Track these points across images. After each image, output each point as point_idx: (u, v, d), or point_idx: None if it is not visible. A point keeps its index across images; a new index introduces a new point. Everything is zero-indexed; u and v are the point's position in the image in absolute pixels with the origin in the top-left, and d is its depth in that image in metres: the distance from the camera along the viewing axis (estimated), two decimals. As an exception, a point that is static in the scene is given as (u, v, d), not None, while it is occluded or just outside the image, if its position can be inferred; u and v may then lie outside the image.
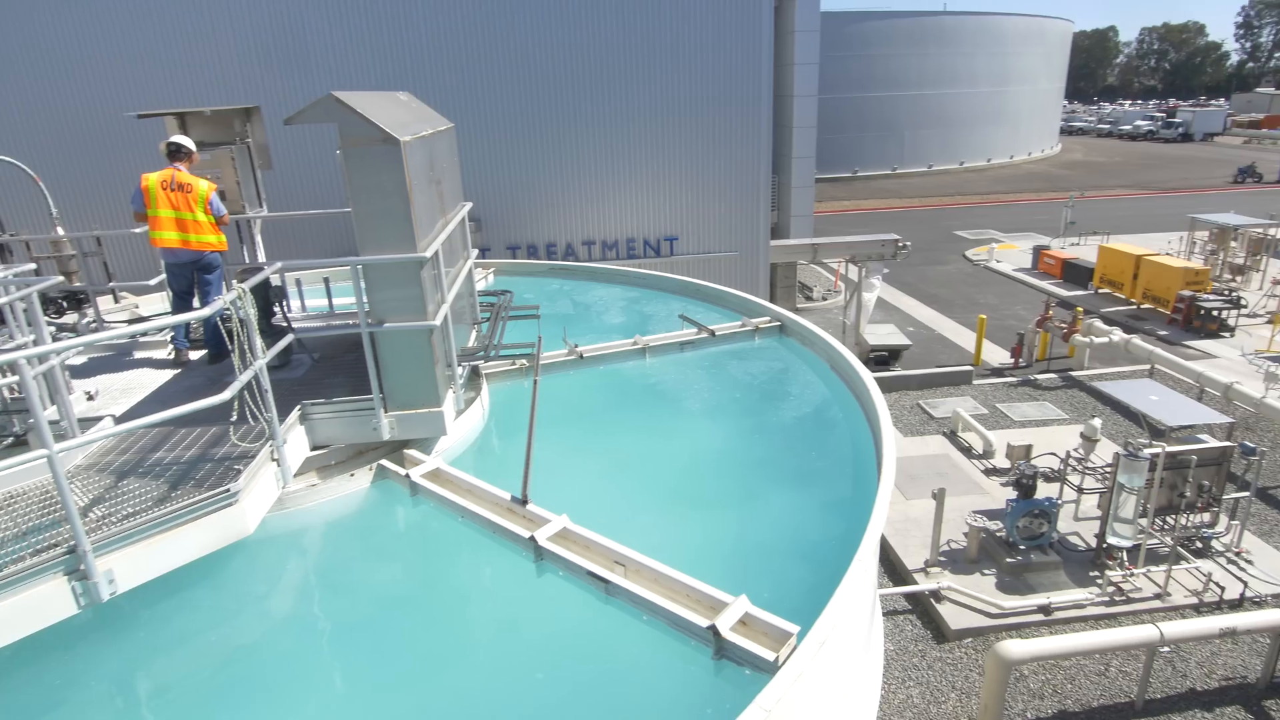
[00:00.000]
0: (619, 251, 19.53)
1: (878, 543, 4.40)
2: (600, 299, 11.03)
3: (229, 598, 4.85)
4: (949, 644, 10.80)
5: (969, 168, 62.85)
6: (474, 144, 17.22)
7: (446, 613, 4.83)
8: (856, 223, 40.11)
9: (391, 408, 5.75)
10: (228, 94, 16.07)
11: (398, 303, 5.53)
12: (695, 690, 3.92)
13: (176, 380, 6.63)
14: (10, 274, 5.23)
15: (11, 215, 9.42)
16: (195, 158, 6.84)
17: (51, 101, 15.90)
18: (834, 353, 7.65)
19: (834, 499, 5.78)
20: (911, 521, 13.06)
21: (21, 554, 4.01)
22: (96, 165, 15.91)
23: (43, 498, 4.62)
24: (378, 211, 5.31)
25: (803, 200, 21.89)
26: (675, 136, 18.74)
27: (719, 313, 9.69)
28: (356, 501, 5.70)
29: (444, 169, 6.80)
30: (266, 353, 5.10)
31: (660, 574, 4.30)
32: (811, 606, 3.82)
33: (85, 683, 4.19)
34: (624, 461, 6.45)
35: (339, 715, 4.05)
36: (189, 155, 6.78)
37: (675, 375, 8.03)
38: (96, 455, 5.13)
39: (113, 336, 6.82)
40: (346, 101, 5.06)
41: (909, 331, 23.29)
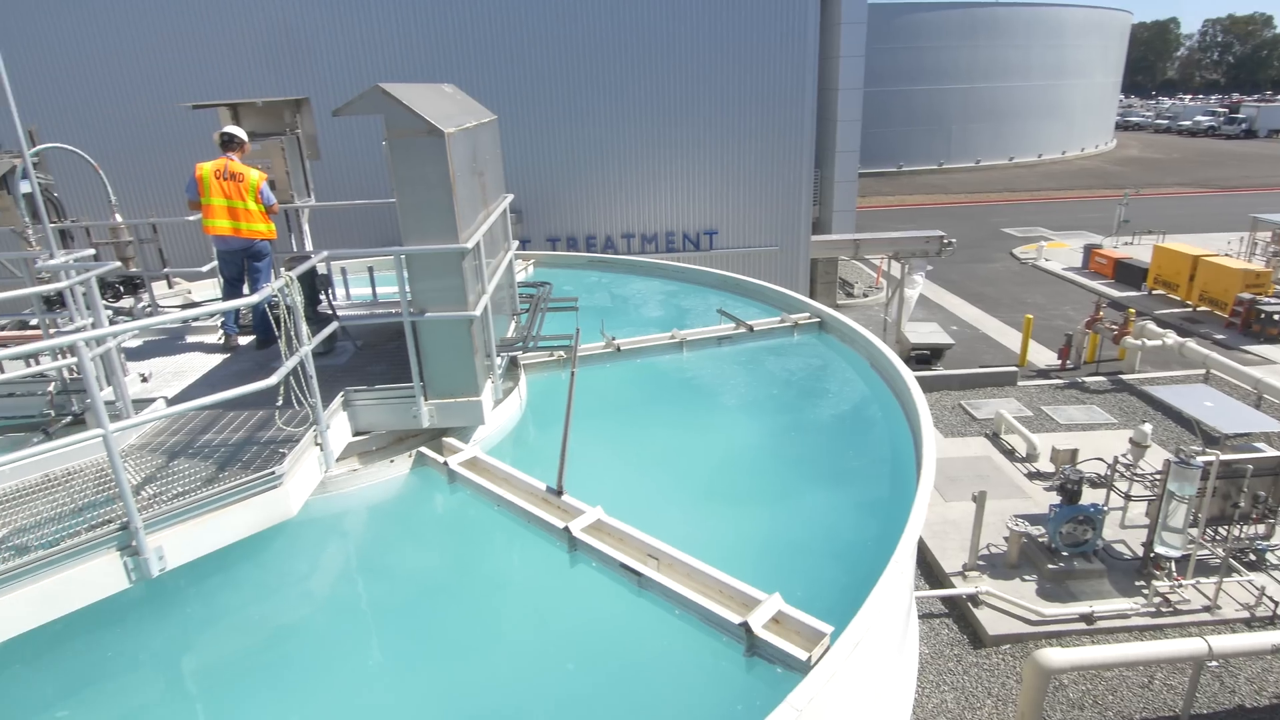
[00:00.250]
0: (658, 245, 19.50)
1: (915, 545, 4.34)
2: (638, 292, 11.04)
3: (272, 577, 4.99)
4: (986, 650, 10.61)
5: (1019, 163, 61.27)
6: (516, 136, 17.33)
7: (480, 600, 4.89)
8: (900, 218, 39.41)
9: (431, 396, 5.84)
10: (279, 85, 16.43)
11: (439, 292, 5.61)
12: (726, 686, 3.92)
13: (226, 364, 6.82)
14: (71, 259, 5.43)
15: (73, 202, 9.78)
16: (247, 148, 7.01)
17: (112, 93, 16.43)
18: (874, 350, 7.54)
19: (870, 499, 5.71)
20: (950, 524, 12.84)
21: (78, 529, 4.18)
22: (153, 155, 16.40)
23: (98, 475, 4.79)
24: (421, 202, 5.38)
25: (845, 195, 21.59)
26: (717, 129, 18.62)
27: (758, 308, 9.61)
28: (396, 487, 5.80)
29: (487, 161, 6.86)
30: (312, 339, 5.22)
31: (693, 569, 4.30)
32: (845, 607, 3.78)
33: (135, 655, 4.35)
34: (659, 455, 6.45)
35: (374, 694, 4.13)
36: (241, 145, 6.94)
37: (712, 370, 8.00)
38: (149, 435, 5.31)
39: (166, 321, 7.03)
40: (392, 93, 5.13)
41: (952, 330, 22.84)
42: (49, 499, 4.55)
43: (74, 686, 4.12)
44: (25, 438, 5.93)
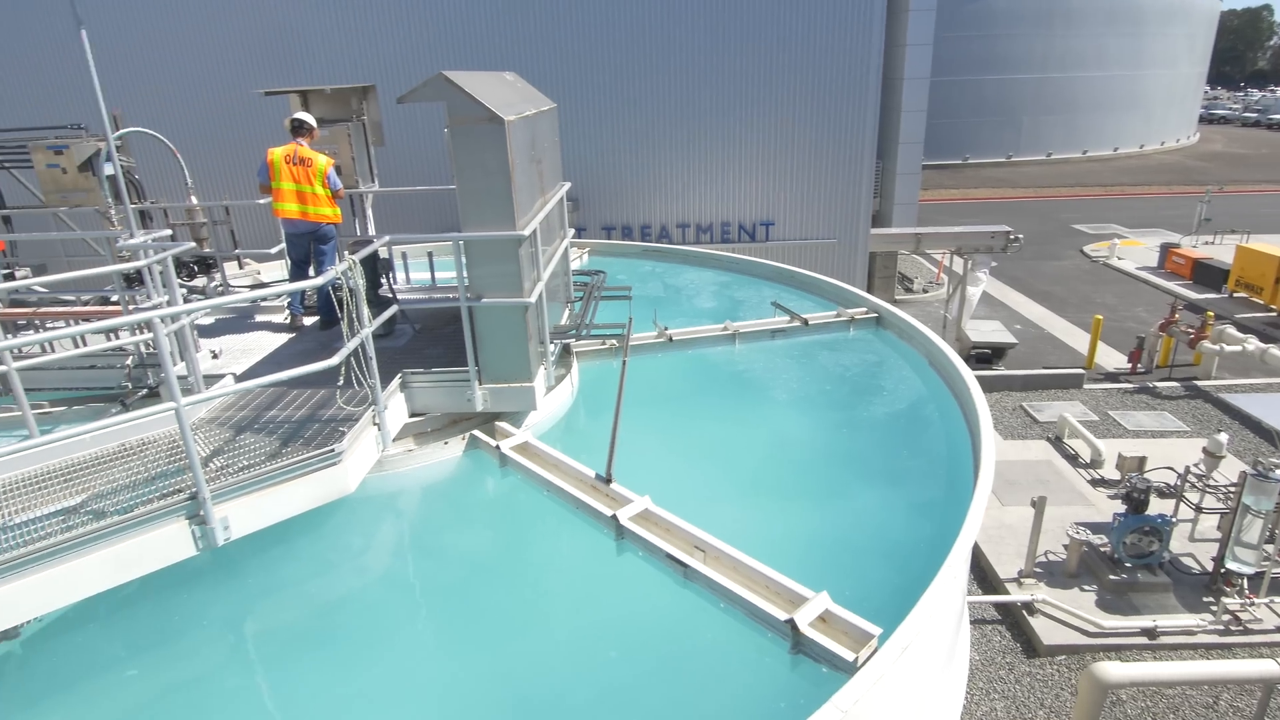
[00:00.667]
0: (713, 235, 19.36)
1: (970, 548, 4.23)
2: (691, 282, 10.99)
3: (329, 551, 5.16)
4: (1040, 659, 10.30)
5: (1093, 157, 58.74)
6: (574, 124, 17.39)
7: (527, 583, 4.97)
8: (964, 212, 38.26)
9: (486, 380, 5.93)
10: (349, 73, 16.82)
11: (496, 278, 5.68)
12: (768, 683, 3.89)
13: (291, 344, 7.05)
14: (149, 239, 5.67)
15: (152, 184, 10.23)
16: (316, 134, 7.20)
17: (190, 80, 17.07)
18: (933, 348, 7.35)
19: (924, 500, 5.58)
20: (1007, 529, 12.48)
21: (150, 497, 4.38)
22: (227, 140, 17.00)
23: (170, 447, 5.02)
24: (480, 189, 5.44)
25: (908, 187, 21.05)
26: (776, 119, 18.34)
27: (813, 301, 9.47)
28: (449, 469, 5.92)
29: (545, 148, 6.90)
30: (372, 322, 5.35)
31: (739, 562, 4.27)
32: (895, 609, 3.71)
33: (200, 620, 4.55)
34: (708, 447, 6.43)
35: (421, 670, 4.24)
36: (310, 131, 7.14)
37: (764, 363, 7.92)
38: (218, 410, 5.53)
39: (237, 300, 7.30)
40: (455, 81, 5.20)
41: (1015, 329, 22.11)
42: (125, 467, 4.79)
43: (142, 647, 4.34)
44: (104, 408, 6.25)
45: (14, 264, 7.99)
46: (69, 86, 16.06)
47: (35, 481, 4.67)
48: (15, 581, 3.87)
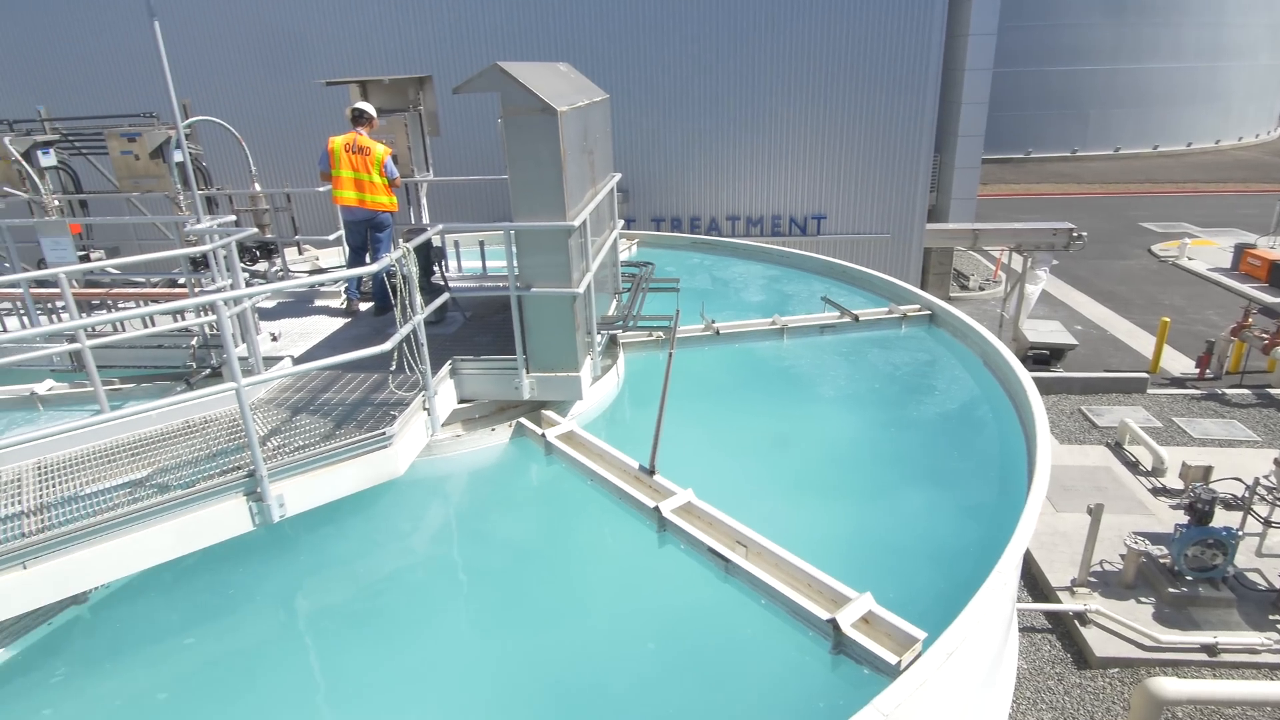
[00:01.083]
0: (763, 228, 19.16)
1: (1022, 554, 4.11)
2: (740, 275, 10.90)
3: (377, 532, 5.29)
4: (1091, 671, 9.99)
5: (1164, 152, 56.24)
6: (626, 115, 17.37)
7: (569, 570, 5.01)
8: (1025, 208, 37.07)
9: (533, 369, 5.99)
10: (403, 65, 17.09)
11: (545, 268, 5.72)
12: (807, 682, 3.86)
13: (346, 328, 7.23)
14: (215, 224, 5.87)
15: (218, 171, 10.60)
16: (375, 123, 7.34)
17: (254, 70, 17.58)
18: (988, 347, 7.16)
19: (974, 504, 5.45)
20: (1060, 536, 12.11)
21: (211, 473, 4.55)
22: (289, 128, 17.47)
23: (230, 425, 5.20)
24: (532, 179, 5.48)
25: (966, 182, 20.48)
26: (830, 110, 18.02)
27: (864, 297, 9.31)
28: (495, 455, 6.01)
29: (597, 139, 6.91)
30: (425, 309, 5.44)
31: (782, 559, 4.24)
32: (941, 613, 3.64)
33: (255, 593, 4.72)
34: (752, 442, 6.39)
35: (463, 652, 4.33)
36: (370, 121, 7.28)
37: (812, 359, 7.82)
38: (276, 391, 5.70)
39: (296, 285, 7.51)
40: (510, 72, 5.24)
41: (1076, 330, 21.38)
42: (188, 444, 4.98)
43: (200, 617, 4.52)
44: (170, 386, 6.51)
45: (89, 246, 8.36)
46: (143, 76, 16.69)
47: (105, 455, 4.90)
48: (85, 549, 4.07)
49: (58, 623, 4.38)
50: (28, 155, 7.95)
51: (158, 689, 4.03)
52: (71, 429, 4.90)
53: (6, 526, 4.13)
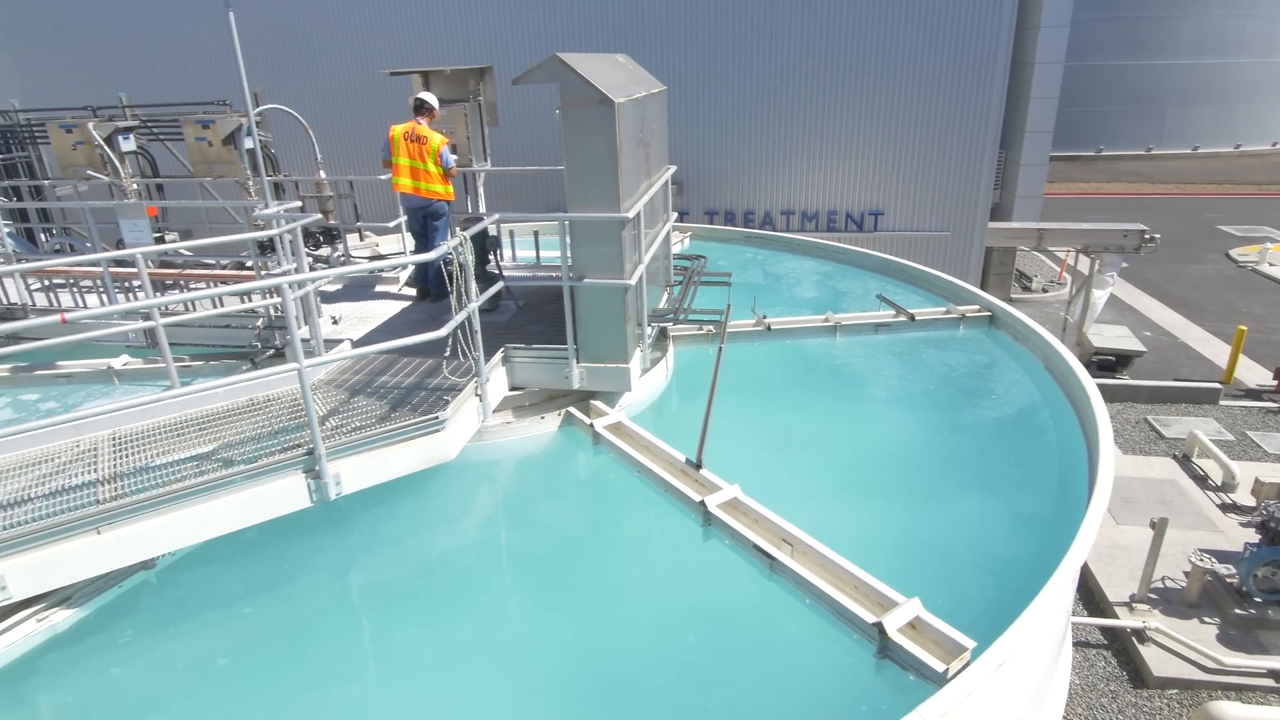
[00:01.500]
0: (818, 223, 18.87)
1: (1080, 566, 3.99)
2: (793, 271, 10.77)
3: (428, 513, 5.41)
4: (1148, 690, 9.63)
5: (1247, 151, 53.39)
6: (682, 107, 17.29)
7: (613, 560, 5.05)
8: (1095, 208, 35.69)
9: (583, 359, 6.03)
10: (464, 56, 17.33)
11: (598, 259, 5.75)
12: (850, 684, 3.82)
13: (403, 314, 7.40)
14: (282, 209, 6.06)
15: (286, 158, 10.95)
16: (436, 114, 7.45)
17: (321, 59, 18.04)
18: (1051, 351, 6.93)
19: (1030, 512, 5.30)
20: (1120, 549, 11.68)
21: (272, 450, 4.72)
22: (354, 117, 17.89)
23: (291, 404, 5.37)
24: (587, 170, 5.51)
25: (1032, 180, 19.80)
26: (893, 103, 17.62)
27: (921, 296, 9.10)
28: (544, 443, 6.08)
29: (653, 131, 6.91)
30: (480, 296, 5.53)
31: (828, 560, 4.20)
32: (991, 623, 3.55)
33: (311, 567, 4.88)
34: (801, 440, 6.32)
35: (506, 635, 4.40)
36: (430, 111, 7.40)
37: (865, 358, 7.69)
38: (335, 373, 5.87)
39: (357, 270, 7.71)
40: (568, 63, 5.26)
41: (1145, 336, 20.53)
42: (251, 421, 5.17)
43: (258, 587, 4.70)
44: (236, 365, 6.76)
45: (164, 228, 8.72)
46: (218, 65, 17.29)
47: (174, 428, 5.12)
48: (154, 518, 4.27)
49: (127, 586, 4.60)
50: (110, 140, 8.33)
51: (218, 654, 4.20)
52: (144, 403, 5.15)
53: (83, 493, 4.36)
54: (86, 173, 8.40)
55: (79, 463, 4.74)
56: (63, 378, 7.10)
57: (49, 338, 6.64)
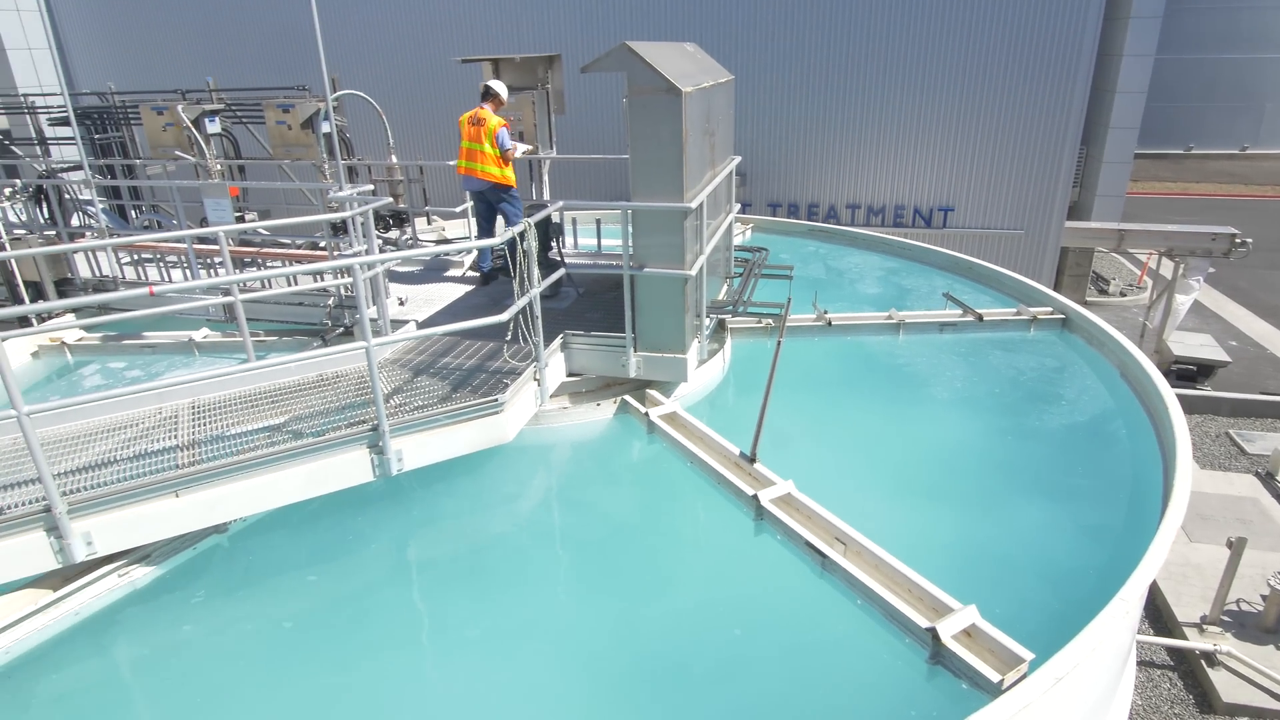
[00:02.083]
0: (885, 218, 18.44)
1: (1149, 583, 3.83)
2: (856, 266, 10.57)
3: (485, 493, 5.53)
4: (1216, 717, 9.19)
5: (1356, 153, 49.86)
6: (748, 96, 17.09)
7: (663, 549, 5.07)
8: (1182, 209, 33.90)
9: (641, 348, 6.06)
10: (532, 43, 17.48)
11: (659, 249, 5.76)
12: (899, 689, 3.76)
13: (467, 297, 7.55)
14: (355, 193, 6.24)
15: (360, 142, 11.26)
16: (501, 101, 7.49)
17: (396, 46, 18.46)
18: (1127, 358, 6.64)
19: (1097, 524, 5.10)
20: (1193, 568, 11.15)
21: (339, 424, 4.89)
22: (425, 103, 18.27)
23: (358, 382, 5.55)
24: (652, 159, 5.51)
25: (1114, 178, 18.92)
26: (967, 95, 17.04)
27: (990, 296, 8.83)
28: (599, 429, 6.14)
29: (719, 121, 6.85)
30: (541, 283, 5.60)
31: (882, 561, 4.13)
32: (1051, 636, 3.45)
33: (371, 539, 5.05)
34: (858, 439, 6.22)
35: (556, 616, 4.48)
36: (495, 97, 7.47)
37: (928, 357, 7.51)
38: (400, 352, 6.04)
39: (425, 253, 7.90)
40: (637, 51, 5.26)
41: (1230, 346, 19.45)
42: (320, 395, 5.36)
43: (322, 557, 4.88)
44: (307, 341, 7.02)
45: (244, 208, 9.09)
46: (299, 51, 17.86)
47: (248, 400, 5.35)
48: (228, 484, 4.48)
49: (201, 548, 4.84)
50: (196, 122, 8.71)
51: (284, 618, 4.39)
52: (222, 374, 5.40)
53: (164, 458, 4.61)
54: (175, 153, 8.81)
55: (161, 429, 5.00)
56: (147, 348, 7.50)
57: (136, 309, 7.02)
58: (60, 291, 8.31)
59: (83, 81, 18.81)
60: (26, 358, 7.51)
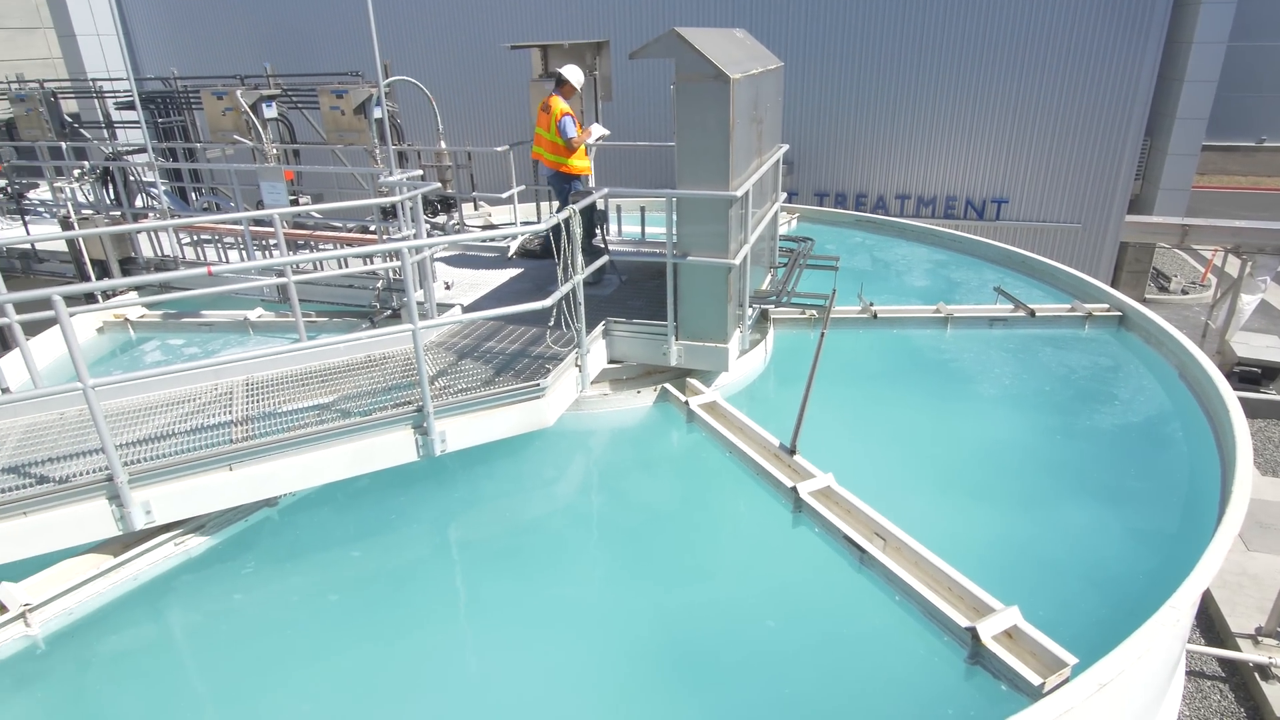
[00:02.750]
0: (935, 210, 18.02)
1: (1202, 591, 3.71)
2: (903, 258, 10.37)
3: (524, 476, 5.60)
4: (1270, 732, 8.87)
5: None
6: (797, 83, 16.84)
7: (699, 538, 5.08)
8: (1252, 204, 32.42)
9: (682, 336, 6.05)
10: (582, 29, 17.46)
11: (703, 237, 5.73)
12: (935, 687, 3.72)
13: (511, 282, 7.62)
14: (405, 178, 6.34)
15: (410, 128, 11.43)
16: (570, 89, 7.40)
17: (446, 32, 18.63)
18: (1187, 358, 6.41)
19: (1149, 528, 4.96)
20: (1249, 577, 10.74)
21: (385, 405, 5.00)
22: (475, 90, 18.43)
23: (404, 363, 5.67)
24: (699, 147, 5.48)
25: (1179, 170, 18.16)
26: (1024, 83, 16.50)
27: (1044, 291, 8.59)
28: (638, 417, 6.16)
29: (767, 108, 6.77)
30: (585, 269, 5.63)
31: (922, 558, 4.08)
32: (1096, 641, 3.37)
33: (412, 517, 5.17)
34: (901, 434, 6.13)
35: (591, 599, 4.53)
36: (564, 84, 7.42)
37: (976, 353, 7.34)
38: (445, 336, 6.14)
39: (472, 238, 7.99)
40: (686, 37, 5.23)
41: (1299, 348, 18.59)
42: (367, 376, 5.49)
43: (366, 533, 5.01)
44: (356, 323, 7.17)
45: (298, 191, 9.32)
46: (353, 38, 18.16)
47: (299, 379, 5.50)
48: (279, 460, 4.62)
49: (252, 520, 5.01)
50: (254, 107, 8.93)
51: (329, 591, 4.53)
52: (275, 353, 5.56)
53: (219, 433, 4.77)
54: (233, 137, 9.06)
55: (216, 404, 5.18)
56: (205, 326, 7.76)
57: (195, 288, 7.26)
58: (124, 270, 8.64)
59: (147, 67, 19.41)
60: (92, 333, 7.83)
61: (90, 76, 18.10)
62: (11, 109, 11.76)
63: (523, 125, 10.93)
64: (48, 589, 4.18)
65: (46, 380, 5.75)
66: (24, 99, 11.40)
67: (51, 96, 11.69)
